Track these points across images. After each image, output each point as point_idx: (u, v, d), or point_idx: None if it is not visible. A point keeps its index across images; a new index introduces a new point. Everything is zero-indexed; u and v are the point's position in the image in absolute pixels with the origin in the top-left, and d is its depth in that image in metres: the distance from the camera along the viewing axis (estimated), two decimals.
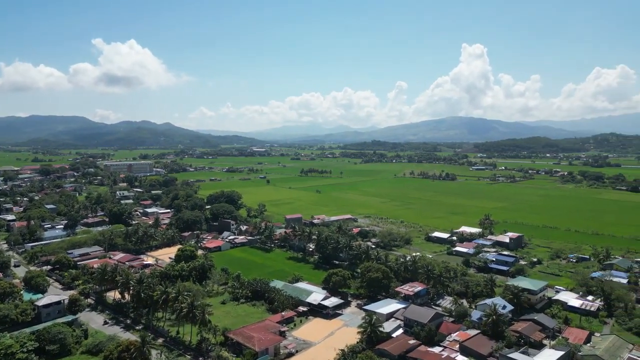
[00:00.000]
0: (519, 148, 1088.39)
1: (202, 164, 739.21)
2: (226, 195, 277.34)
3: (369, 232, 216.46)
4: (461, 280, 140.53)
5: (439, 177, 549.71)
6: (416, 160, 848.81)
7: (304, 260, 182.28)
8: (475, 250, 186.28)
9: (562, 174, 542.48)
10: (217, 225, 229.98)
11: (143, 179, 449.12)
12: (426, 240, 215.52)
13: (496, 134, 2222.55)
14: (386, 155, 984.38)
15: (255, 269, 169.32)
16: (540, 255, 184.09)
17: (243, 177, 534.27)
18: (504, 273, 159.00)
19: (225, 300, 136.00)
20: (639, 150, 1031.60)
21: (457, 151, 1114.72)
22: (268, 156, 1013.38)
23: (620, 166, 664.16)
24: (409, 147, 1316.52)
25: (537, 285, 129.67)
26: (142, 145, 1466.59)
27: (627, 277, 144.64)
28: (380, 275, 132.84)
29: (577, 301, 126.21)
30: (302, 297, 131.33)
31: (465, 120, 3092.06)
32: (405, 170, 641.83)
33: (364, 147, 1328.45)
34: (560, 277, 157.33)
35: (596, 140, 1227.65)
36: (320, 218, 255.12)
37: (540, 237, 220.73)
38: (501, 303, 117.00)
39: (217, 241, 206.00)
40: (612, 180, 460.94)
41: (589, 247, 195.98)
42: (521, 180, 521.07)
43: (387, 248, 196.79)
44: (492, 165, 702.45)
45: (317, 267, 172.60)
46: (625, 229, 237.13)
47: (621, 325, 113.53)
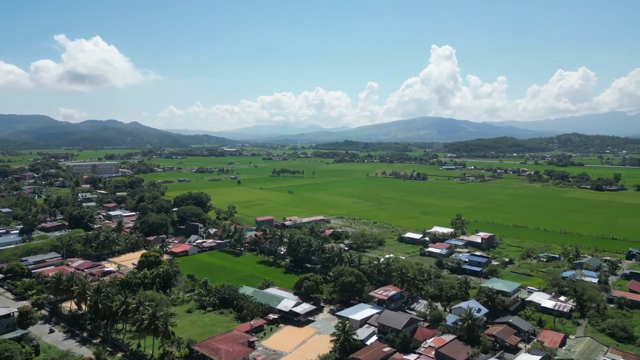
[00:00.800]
0: (487, 148, 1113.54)
1: (170, 165, 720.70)
2: (194, 196, 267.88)
3: (341, 234, 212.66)
4: (435, 283, 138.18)
5: (410, 176, 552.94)
6: (388, 160, 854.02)
7: (275, 264, 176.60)
8: (448, 251, 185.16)
9: (529, 174, 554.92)
10: (185, 229, 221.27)
11: (108, 180, 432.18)
12: (399, 241, 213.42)
13: (465, 134, 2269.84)
14: (358, 155, 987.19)
15: (224, 274, 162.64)
16: (511, 255, 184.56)
17: (213, 178, 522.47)
18: (477, 274, 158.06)
19: (192, 309, 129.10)
20: (600, 149, 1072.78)
21: (428, 151, 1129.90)
22: (239, 156, 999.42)
23: (583, 165, 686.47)
24: (381, 147, 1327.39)
25: (510, 287, 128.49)
26: (108, 145, 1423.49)
27: (597, 277, 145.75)
28: (353, 279, 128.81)
29: (550, 302, 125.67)
30: (273, 303, 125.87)
31: (435, 120, 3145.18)
32: (377, 170, 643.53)
33: (336, 147, 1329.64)
34: (532, 277, 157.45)
35: (560, 140, 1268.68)
36: (292, 220, 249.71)
37: (511, 236, 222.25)
38: (476, 306, 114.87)
39: (184, 245, 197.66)
40: (576, 179, 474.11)
41: (558, 246, 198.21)
42: (490, 179, 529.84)
43: (360, 250, 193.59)
44: (462, 164, 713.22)
45: (288, 271, 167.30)
46: (592, 227, 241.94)
47: (594, 326, 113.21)
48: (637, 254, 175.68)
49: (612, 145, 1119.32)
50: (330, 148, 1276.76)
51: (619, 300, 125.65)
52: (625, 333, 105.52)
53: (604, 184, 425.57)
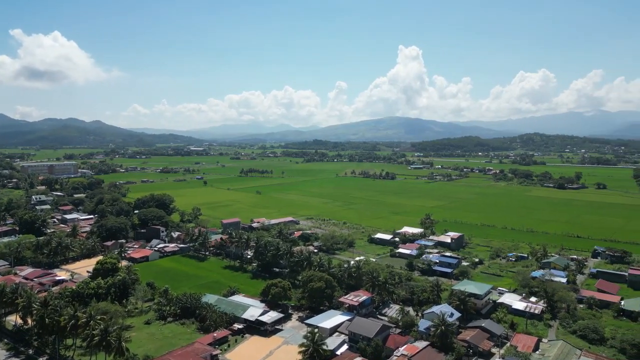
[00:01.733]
0: (453, 147, 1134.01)
1: (134, 165, 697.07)
2: (156, 198, 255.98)
3: (311, 236, 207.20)
4: (406, 286, 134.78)
5: (379, 176, 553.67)
6: (357, 159, 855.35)
7: (241, 268, 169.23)
8: (418, 252, 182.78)
9: (494, 172, 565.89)
10: (146, 233, 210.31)
11: (65, 181, 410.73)
12: (369, 242, 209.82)
13: (431, 133, 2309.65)
14: (327, 154, 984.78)
15: (187, 281, 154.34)
16: (481, 255, 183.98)
17: (178, 178, 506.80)
18: (448, 275, 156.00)
19: (150, 320, 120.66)
20: (560, 149, 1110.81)
21: (396, 150, 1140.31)
22: (206, 155, 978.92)
23: (545, 164, 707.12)
24: (350, 146, 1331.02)
25: (482, 289, 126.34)
26: (68, 144, 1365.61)
27: (565, 276, 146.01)
28: (323, 284, 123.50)
29: (521, 304, 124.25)
30: (238, 312, 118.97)
31: (403, 120, 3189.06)
32: (347, 169, 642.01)
33: (305, 146, 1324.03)
34: (502, 278, 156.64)
35: (522, 139, 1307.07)
36: (260, 221, 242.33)
37: (479, 235, 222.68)
38: (448, 311, 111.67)
39: (144, 250, 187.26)
40: (540, 177, 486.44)
41: (526, 245, 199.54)
42: (457, 178, 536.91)
43: (330, 252, 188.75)
44: (429, 164, 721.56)
45: (255, 276, 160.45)
46: (557, 225, 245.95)
47: (565, 328, 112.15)
48: (602, 253, 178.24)
49: (572, 145, 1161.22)
50: (299, 147, 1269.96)
51: (588, 300, 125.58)
52: (597, 335, 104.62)
53: (566, 182, 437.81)
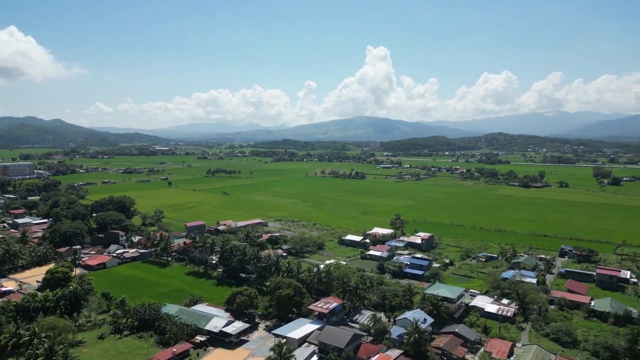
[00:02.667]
0: (421, 147, 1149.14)
1: (95, 165, 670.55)
2: (116, 201, 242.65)
3: (279, 238, 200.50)
4: (378, 290, 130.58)
5: (349, 175, 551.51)
6: (327, 159, 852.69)
7: (206, 274, 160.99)
8: (389, 254, 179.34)
9: (461, 172, 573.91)
10: (104, 238, 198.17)
11: (18, 182, 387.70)
12: (339, 243, 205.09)
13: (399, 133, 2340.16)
14: (297, 154, 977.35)
15: (147, 289, 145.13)
16: (451, 256, 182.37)
17: (142, 179, 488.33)
18: (419, 277, 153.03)
19: (104, 334, 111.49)
20: (523, 148, 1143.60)
21: (365, 150, 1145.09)
22: (172, 155, 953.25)
23: (509, 163, 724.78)
24: (320, 145, 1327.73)
25: (455, 293, 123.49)
26: (25, 144, 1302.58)
27: (535, 277, 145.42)
28: (291, 292, 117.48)
29: (494, 306, 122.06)
30: (201, 323, 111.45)
31: (371, 120, 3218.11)
32: (317, 169, 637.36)
33: (275, 145, 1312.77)
34: (473, 279, 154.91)
35: (487, 139, 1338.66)
36: (226, 224, 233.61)
37: (449, 235, 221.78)
38: (421, 317, 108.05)
39: (101, 257, 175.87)
40: (505, 176, 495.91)
41: (495, 245, 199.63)
42: (425, 177, 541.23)
43: (300, 255, 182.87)
44: (398, 163, 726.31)
45: (220, 282, 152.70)
46: (524, 224, 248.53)
47: (538, 331, 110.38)
48: (569, 252, 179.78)
49: (534, 144, 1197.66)
50: (268, 147, 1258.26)
51: (559, 301, 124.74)
52: (570, 337, 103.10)
53: (530, 181, 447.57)
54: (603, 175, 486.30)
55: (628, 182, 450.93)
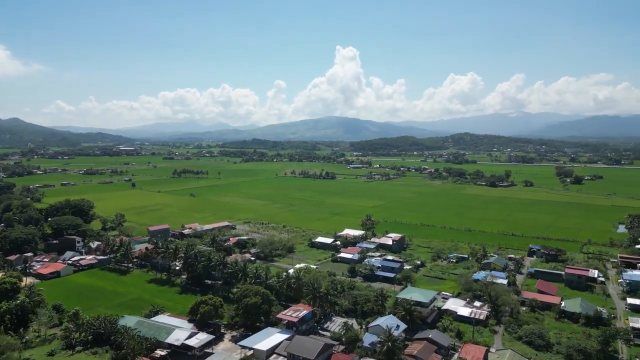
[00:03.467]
0: (390, 147, 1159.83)
1: (55, 166, 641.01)
2: (73, 204, 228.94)
3: (247, 242, 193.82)
4: (349, 295, 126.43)
5: (319, 176, 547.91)
6: (297, 159, 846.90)
7: (169, 282, 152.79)
8: (360, 256, 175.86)
9: (430, 171, 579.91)
10: (59, 244, 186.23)
11: None
12: (310, 246, 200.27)
13: (369, 133, 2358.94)
14: (267, 154, 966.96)
15: (104, 299, 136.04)
16: (422, 257, 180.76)
17: (104, 181, 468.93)
18: (391, 280, 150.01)
19: (55, 350, 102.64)
20: (488, 148, 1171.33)
21: (335, 150, 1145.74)
22: (137, 156, 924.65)
23: (476, 162, 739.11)
24: (290, 145, 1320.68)
25: (427, 297, 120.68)
26: None
27: (506, 277, 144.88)
28: (259, 300, 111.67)
29: (466, 310, 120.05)
30: (161, 336, 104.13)
31: (341, 120, 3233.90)
32: (287, 169, 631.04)
33: (244, 145, 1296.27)
34: (445, 281, 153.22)
35: (454, 139, 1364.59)
36: (192, 227, 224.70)
37: (419, 236, 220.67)
38: (394, 323, 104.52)
39: (55, 265, 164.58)
40: (472, 176, 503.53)
41: (465, 245, 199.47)
42: (395, 177, 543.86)
43: (269, 259, 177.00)
44: (368, 163, 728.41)
45: (184, 290, 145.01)
46: (492, 224, 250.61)
47: (511, 334, 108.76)
48: (537, 251, 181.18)
49: (499, 144, 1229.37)
50: (238, 147, 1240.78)
51: (530, 302, 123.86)
52: (543, 340, 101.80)
53: (497, 180, 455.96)
54: (565, 174, 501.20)
55: (589, 181, 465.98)
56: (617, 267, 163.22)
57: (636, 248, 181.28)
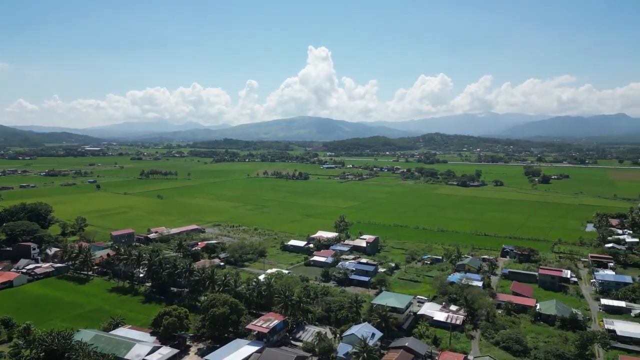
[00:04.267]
0: (363, 147, 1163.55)
1: (14, 167, 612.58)
2: (29, 208, 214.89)
3: (217, 246, 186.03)
4: (322, 302, 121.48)
5: (292, 176, 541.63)
6: (269, 159, 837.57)
7: (132, 290, 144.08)
8: (333, 259, 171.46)
9: (402, 171, 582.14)
10: (12, 251, 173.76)
11: None
12: (282, 249, 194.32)
13: (342, 133, 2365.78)
14: (239, 154, 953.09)
15: (60, 311, 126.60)
16: (396, 259, 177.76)
17: (67, 182, 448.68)
18: (365, 284, 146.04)
19: None
20: (458, 147, 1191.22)
21: (308, 150, 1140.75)
22: (103, 156, 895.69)
23: (447, 162, 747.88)
24: (262, 145, 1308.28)
25: (403, 302, 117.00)
26: None
27: (481, 279, 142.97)
28: (227, 310, 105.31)
29: (443, 314, 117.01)
30: (120, 352, 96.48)
31: (314, 120, 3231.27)
32: (259, 169, 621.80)
33: (215, 145, 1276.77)
34: (420, 283, 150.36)
35: (425, 139, 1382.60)
36: (159, 231, 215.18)
37: (393, 237, 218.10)
38: (369, 331, 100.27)
39: (8, 274, 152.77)
40: (444, 176, 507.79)
41: (439, 246, 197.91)
42: (368, 177, 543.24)
43: (239, 264, 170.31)
44: (341, 163, 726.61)
45: (149, 299, 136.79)
46: (465, 224, 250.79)
47: (488, 339, 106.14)
48: (510, 252, 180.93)
49: (468, 144, 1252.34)
50: (209, 147, 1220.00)
51: (506, 305, 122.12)
52: (520, 345, 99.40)
53: (468, 180, 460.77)
54: (533, 173, 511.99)
55: (556, 180, 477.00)
56: (589, 267, 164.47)
57: (606, 247, 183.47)
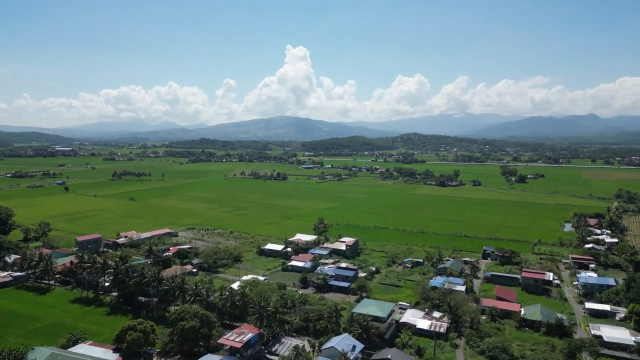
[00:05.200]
0: (342, 147, 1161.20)
1: None
2: None
3: (189, 252, 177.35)
4: (300, 311, 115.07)
5: (270, 176, 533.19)
6: (247, 159, 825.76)
7: (96, 301, 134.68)
8: (312, 264, 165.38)
9: (381, 171, 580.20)
10: None
11: None
12: (259, 254, 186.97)
13: (320, 133, 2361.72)
14: (216, 154, 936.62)
15: (16, 325, 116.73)
16: (377, 262, 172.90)
17: (33, 184, 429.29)
18: (345, 290, 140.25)
19: None
20: (435, 147, 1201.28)
21: (287, 150, 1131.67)
22: (75, 156, 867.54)
23: (425, 162, 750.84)
24: (240, 145, 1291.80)
25: (385, 310, 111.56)
26: None
27: (463, 283, 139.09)
28: (197, 323, 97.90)
29: (426, 322, 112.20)
30: None
31: (293, 119, 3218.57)
32: (236, 170, 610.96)
33: (192, 145, 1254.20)
34: (401, 288, 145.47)
35: (403, 139, 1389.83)
36: (128, 236, 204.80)
37: (373, 239, 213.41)
38: (349, 343, 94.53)
39: None
40: (422, 175, 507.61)
41: (420, 248, 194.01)
42: (347, 178, 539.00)
43: (213, 270, 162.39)
44: (320, 163, 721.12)
45: (114, 310, 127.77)
46: (445, 224, 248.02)
47: (473, 348, 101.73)
48: (491, 253, 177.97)
49: (445, 144, 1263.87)
50: (185, 147, 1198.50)
51: (490, 311, 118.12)
52: (507, 355, 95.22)
53: (446, 180, 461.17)
54: (510, 173, 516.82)
55: (533, 180, 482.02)
56: (570, 268, 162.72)
57: (586, 248, 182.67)
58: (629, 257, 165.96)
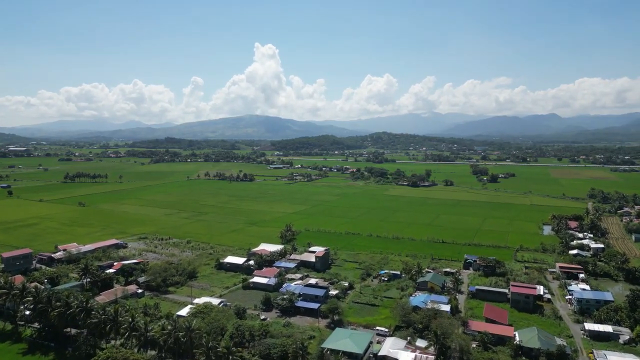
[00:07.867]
0: (312, 146, 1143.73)
1: None
2: None
3: (136, 268, 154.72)
4: (260, 346, 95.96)
5: (237, 177, 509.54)
6: (213, 159, 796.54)
7: (13, 335, 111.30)
8: (277, 280, 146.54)
9: (352, 171, 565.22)
10: None
11: None
12: (217, 268, 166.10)
13: (290, 132, 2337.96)
14: (181, 154, 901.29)
15: None
16: (350, 276, 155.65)
17: None
18: (315, 313, 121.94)
19: None
20: (405, 147, 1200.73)
21: (256, 149, 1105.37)
22: (28, 157, 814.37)
23: (395, 162, 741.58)
24: (207, 144, 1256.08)
25: (361, 343, 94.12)
26: None
27: (448, 302, 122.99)
28: None
29: (409, 355, 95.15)
30: None
31: (262, 118, 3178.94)
32: (201, 170, 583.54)
33: (156, 144, 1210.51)
34: (378, 308, 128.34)
35: (373, 138, 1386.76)
36: (67, 249, 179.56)
37: (345, 248, 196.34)
38: None
39: None
40: (394, 175, 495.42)
41: (396, 258, 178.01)
42: (317, 178, 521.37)
43: (162, 290, 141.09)
44: (289, 163, 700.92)
45: (33, 347, 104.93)
46: (420, 229, 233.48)
47: None
48: (473, 263, 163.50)
49: (414, 143, 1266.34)
50: (149, 146, 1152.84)
51: (482, 337, 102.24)
52: None
53: (418, 180, 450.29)
54: (481, 172, 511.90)
55: (504, 179, 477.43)
56: (559, 279, 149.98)
57: (572, 255, 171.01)
58: (619, 265, 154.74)
